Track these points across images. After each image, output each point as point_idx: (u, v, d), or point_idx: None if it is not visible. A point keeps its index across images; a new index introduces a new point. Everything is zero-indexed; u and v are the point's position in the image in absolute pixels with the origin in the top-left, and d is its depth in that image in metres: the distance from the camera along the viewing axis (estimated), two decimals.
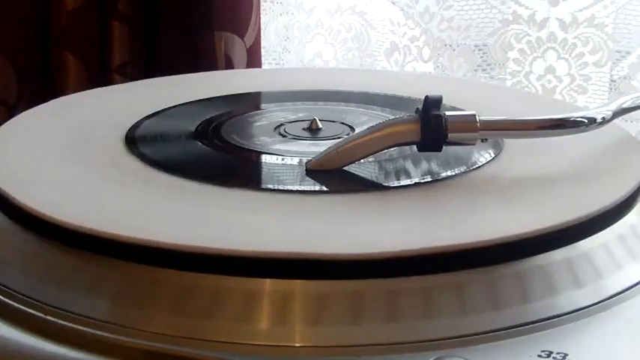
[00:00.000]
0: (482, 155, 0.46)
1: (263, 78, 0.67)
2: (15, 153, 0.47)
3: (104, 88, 0.63)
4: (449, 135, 0.43)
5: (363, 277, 0.35)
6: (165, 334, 0.34)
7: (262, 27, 0.85)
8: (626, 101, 0.49)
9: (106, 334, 0.34)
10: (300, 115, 0.53)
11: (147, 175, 0.43)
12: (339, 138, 0.47)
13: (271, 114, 0.54)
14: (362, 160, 0.44)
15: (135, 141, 0.48)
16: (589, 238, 0.38)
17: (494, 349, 0.33)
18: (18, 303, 0.36)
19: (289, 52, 0.90)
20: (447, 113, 0.43)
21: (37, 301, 0.36)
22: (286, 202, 0.40)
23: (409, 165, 0.45)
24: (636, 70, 0.79)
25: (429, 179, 0.43)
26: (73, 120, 0.52)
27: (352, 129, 0.50)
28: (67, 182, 0.43)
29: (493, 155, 0.46)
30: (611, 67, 0.80)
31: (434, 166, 0.44)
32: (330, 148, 0.44)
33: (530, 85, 0.82)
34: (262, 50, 0.84)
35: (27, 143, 0.48)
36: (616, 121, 0.48)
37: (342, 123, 0.51)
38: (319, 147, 0.45)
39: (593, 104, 0.81)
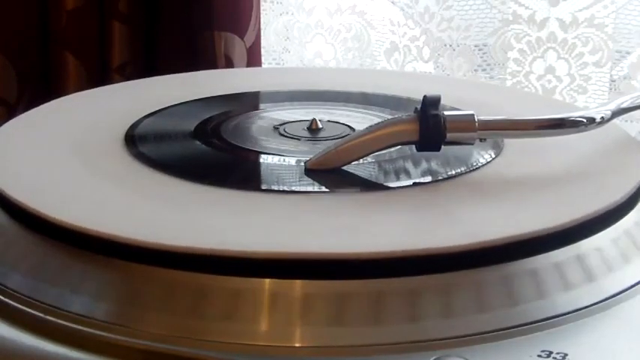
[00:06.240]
0: (482, 155, 0.46)
1: (263, 78, 0.67)
2: (15, 153, 0.47)
3: (104, 87, 0.63)
4: (447, 135, 0.43)
5: (363, 277, 0.35)
6: (166, 334, 0.34)
7: (262, 27, 0.84)
8: (625, 101, 0.49)
9: (106, 334, 0.34)
10: (300, 115, 0.53)
11: (146, 174, 0.43)
12: (339, 138, 0.47)
13: (271, 114, 0.54)
14: (361, 160, 0.44)
15: (134, 140, 0.48)
16: (589, 238, 0.38)
17: (494, 349, 0.33)
18: (18, 303, 0.36)
19: (289, 52, 0.90)
20: (446, 113, 0.43)
21: (37, 301, 0.36)
22: (285, 201, 0.40)
23: (409, 165, 0.45)
24: (636, 70, 0.79)
25: (429, 179, 0.43)
26: (73, 120, 0.52)
27: (352, 129, 0.50)
28: (66, 182, 0.43)
29: (493, 155, 0.46)
30: (611, 67, 0.80)
31: (433, 167, 0.44)
32: (329, 147, 0.44)
33: (530, 85, 0.82)
34: (262, 50, 0.84)
35: (27, 143, 0.48)
36: (616, 121, 0.48)
37: (342, 123, 0.51)
38: (319, 147, 0.46)
39: (593, 104, 0.81)
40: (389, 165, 0.45)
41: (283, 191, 0.42)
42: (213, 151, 0.47)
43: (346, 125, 0.51)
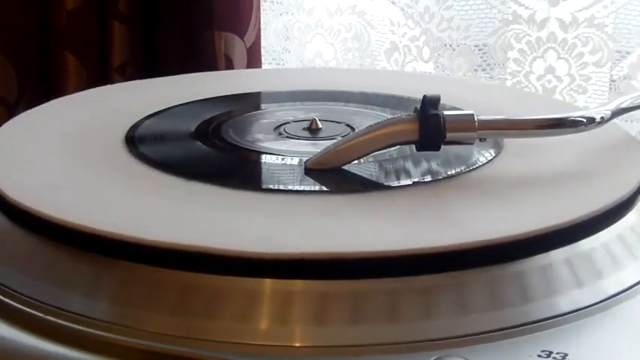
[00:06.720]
0: (483, 155, 0.46)
1: (263, 78, 0.67)
2: (15, 153, 0.47)
3: (104, 87, 0.63)
4: (447, 134, 0.43)
5: (363, 277, 0.35)
6: (166, 334, 0.34)
7: (262, 27, 0.84)
8: (625, 101, 0.49)
9: (106, 334, 0.34)
10: (300, 115, 0.53)
11: (147, 175, 0.43)
12: (339, 138, 0.47)
13: (271, 114, 0.54)
14: (362, 160, 0.44)
15: (135, 141, 0.48)
16: (589, 237, 0.38)
17: (494, 349, 0.33)
18: (18, 303, 0.36)
19: (289, 52, 0.90)
20: (445, 113, 0.43)
21: (37, 301, 0.36)
22: (286, 202, 0.41)
23: (409, 165, 0.45)
24: (636, 70, 0.79)
25: (429, 179, 0.43)
26: (73, 120, 0.52)
27: (352, 129, 0.50)
28: (67, 182, 0.43)
29: (493, 155, 0.46)
30: (611, 67, 0.80)
31: (434, 166, 0.44)
32: (329, 147, 0.44)
33: (530, 85, 0.82)
34: (262, 50, 0.84)
35: (27, 143, 0.48)
36: (616, 121, 0.48)
37: (342, 123, 0.51)
38: (319, 147, 0.46)
39: (593, 104, 0.81)
40: (389, 164, 0.45)
41: (283, 191, 0.42)
42: (214, 152, 0.47)
43: (346, 125, 0.51)
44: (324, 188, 0.42)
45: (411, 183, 0.43)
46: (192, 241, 0.36)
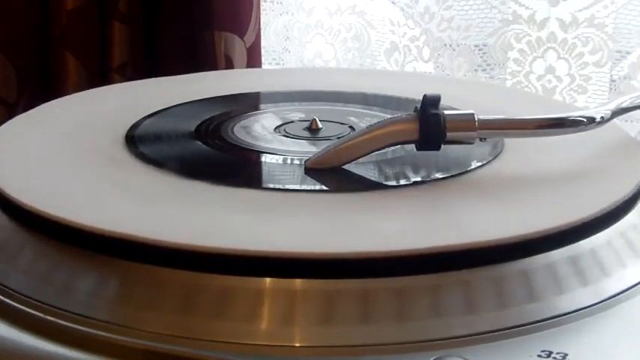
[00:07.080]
0: (482, 155, 0.46)
1: (263, 78, 0.67)
2: (15, 153, 0.47)
3: (104, 88, 0.63)
4: (447, 134, 0.43)
5: (365, 277, 0.35)
6: (166, 334, 0.34)
7: (262, 27, 0.84)
8: (625, 101, 0.49)
9: (105, 334, 0.34)
10: (300, 115, 0.53)
11: (146, 174, 0.43)
12: (339, 138, 0.47)
13: (271, 114, 0.54)
14: (361, 159, 0.44)
15: (135, 141, 0.48)
16: (589, 238, 0.38)
17: (494, 349, 0.33)
18: (18, 303, 0.36)
19: (289, 52, 0.90)
20: (446, 112, 0.43)
21: (38, 301, 0.36)
22: (285, 201, 0.40)
23: (409, 164, 0.45)
24: (636, 70, 0.79)
25: (429, 179, 0.43)
26: (73, 120, 0.52)
27: (352, 129, 0.50)
28: (67, 182, 0.43)
29: (494, 155, 0.46)
30: (611, 67, 0.80)
31: (433, 166, 0.44)
32: (328, 146, 0.44)
33: (530, 85, 0.82)
34: (262, 50, 0.84)
35: (27, 143, 0.48)
36: (616, 121, 0.48)
37: (342, 123, 0.51)
38: (319, 147, 0.46)
39: (593, 104, 0.81)
40: (389, 164, 0.45)
41: (283, 190, 0.42)
42: (214, 152, 0.47)
43: (346, 125, 0.51)
44: (325, 188, 0.42)
45: (411, 182, 0.43)
46: (195, 240, 0.36)
